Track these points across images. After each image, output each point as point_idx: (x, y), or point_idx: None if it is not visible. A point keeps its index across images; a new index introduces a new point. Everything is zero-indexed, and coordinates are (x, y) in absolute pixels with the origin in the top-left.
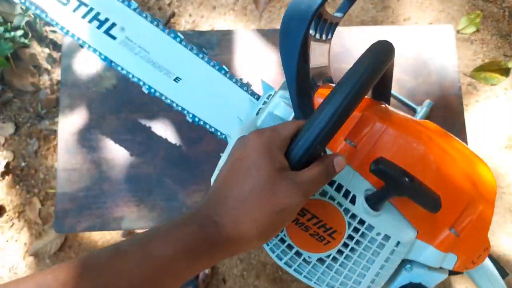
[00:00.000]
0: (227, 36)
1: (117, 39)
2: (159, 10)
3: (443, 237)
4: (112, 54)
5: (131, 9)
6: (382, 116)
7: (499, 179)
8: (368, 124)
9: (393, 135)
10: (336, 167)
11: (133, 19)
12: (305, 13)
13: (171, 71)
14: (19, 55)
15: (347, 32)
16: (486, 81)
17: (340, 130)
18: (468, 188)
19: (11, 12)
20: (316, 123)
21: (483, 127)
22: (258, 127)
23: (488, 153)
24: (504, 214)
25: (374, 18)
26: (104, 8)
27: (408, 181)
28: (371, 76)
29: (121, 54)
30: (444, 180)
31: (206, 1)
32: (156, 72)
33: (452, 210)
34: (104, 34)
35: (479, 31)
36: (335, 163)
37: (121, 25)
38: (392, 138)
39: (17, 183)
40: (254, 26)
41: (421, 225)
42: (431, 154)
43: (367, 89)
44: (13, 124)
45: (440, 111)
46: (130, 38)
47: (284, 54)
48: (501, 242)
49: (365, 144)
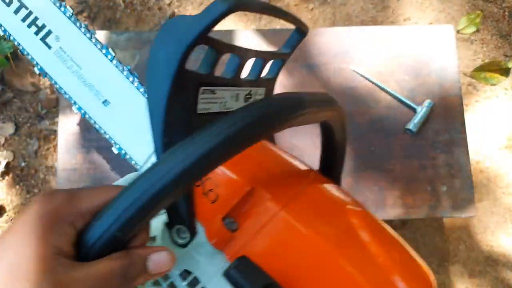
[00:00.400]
0: (227, 36)
1: (51, 48)
2: (159, 10)
3: None
4: (46, 65)
5: (66, 16)
6: (282, 194)
7: (499, 179)
8: (257, 202)
9: (284, 224)
10: (152, 266)
11: (67, 28)
12: (178, 45)
13: (101, 92)
14: (19, 55)
15: (347, 32)
16: (486, 81)
17: (221, 203)
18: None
19: None
20: (124, 198)
21: (483, 127)
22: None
23: (488, 153)
24: (504, 214)
25: (374, 18)
26: (41, 12)
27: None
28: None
29: (55, 66)
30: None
31: (206, 1)
32: (86, 91)
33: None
34: (40, 41)
35: (479, 31)
36: (152, 261)
37: (56, 33)
38: (281, 228)
39: (17, 183)
40: (254, 26)
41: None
42: (331, 257)
43: (216, 162)
44: (13, 124)
45: (440, 111)
46: (64, 49)
47: (151, 100)
48: (501, 242)
49: (247, 228)
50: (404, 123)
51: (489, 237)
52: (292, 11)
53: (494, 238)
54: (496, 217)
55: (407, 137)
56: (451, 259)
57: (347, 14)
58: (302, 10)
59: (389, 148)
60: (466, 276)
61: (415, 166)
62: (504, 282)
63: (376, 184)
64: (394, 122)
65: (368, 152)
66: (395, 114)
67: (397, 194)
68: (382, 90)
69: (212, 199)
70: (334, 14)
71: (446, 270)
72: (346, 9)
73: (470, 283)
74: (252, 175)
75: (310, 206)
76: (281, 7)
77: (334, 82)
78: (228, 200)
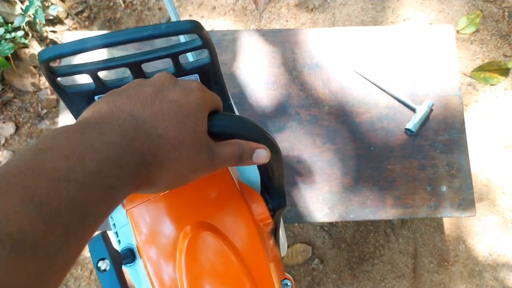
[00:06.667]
0: (227, 36)
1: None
2: (159, 10)
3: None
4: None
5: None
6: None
7: (499, 179)
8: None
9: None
10: (255, 157)
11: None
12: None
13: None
14: (20, 56)
15: (347, 32)
16: (486, 81)
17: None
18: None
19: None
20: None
21: (483, 127)
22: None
23: (488, 153)
24: (504, 214)
25: (374, 18)
26: None
27: (100, 269)
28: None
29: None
30: None
31: (206, 1)
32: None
33: None
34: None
35: (479, 31)
36: (256, 153)
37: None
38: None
39: None
40: (254, 26)
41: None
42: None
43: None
44: (13, 124)
45: (440, 111)
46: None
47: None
48: (501, 242)
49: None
50: (404, 123)
51: (489, 237)
52: (292, 11)
53: (494, 238)
54: (496, 217)
55: (407, 137)
56: (451, 259)
57: (347, 14)
58: (302, 10)
59: (389, 148)
60: (466, 276)
61: (415, 166)
62: (504, 282)
63: (376, 184)
64: (394, 122)
65: (368, 152)
66: (395, 114)
67: (397, 194)
68: (382, 90)
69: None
70: (334, 14)
71: (446, 270)
72: (346, 9)
73: (470, 283)
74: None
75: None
76: (281, 7)
77: (334, 82)
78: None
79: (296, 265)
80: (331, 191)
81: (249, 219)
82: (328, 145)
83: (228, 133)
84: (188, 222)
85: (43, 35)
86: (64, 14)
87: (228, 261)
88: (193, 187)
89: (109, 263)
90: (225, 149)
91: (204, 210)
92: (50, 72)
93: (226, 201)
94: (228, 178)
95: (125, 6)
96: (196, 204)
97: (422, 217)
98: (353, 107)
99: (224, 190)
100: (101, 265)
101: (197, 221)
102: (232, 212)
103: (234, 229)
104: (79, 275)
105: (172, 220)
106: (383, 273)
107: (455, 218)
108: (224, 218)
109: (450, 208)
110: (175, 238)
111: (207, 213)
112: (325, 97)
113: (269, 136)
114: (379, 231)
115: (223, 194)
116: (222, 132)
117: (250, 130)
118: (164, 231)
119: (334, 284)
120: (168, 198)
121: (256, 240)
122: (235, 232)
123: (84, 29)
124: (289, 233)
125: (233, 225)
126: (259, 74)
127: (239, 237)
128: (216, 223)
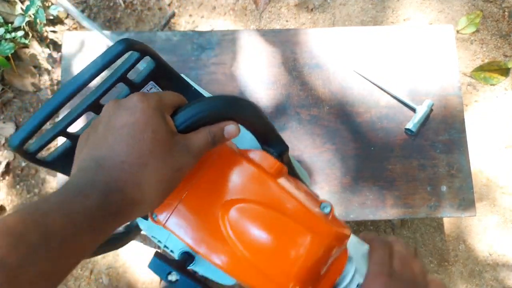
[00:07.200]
0: (227, 36)
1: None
2: (159, 10)
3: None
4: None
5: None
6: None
7: (499, 179)
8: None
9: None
10: (226, 134)
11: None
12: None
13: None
14: (20, 56)
15: (347, 32)
16: (486, 81)
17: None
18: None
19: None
20: (207, 101)
21: (483, 127)
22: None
23: (488, 153)
24: (504, 214)
25: (374, 18)
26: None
27: (172, 282)
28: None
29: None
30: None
31: (206, 1)
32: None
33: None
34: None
35: (479, 31)
36: (226, 130)
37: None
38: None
39: (17, 183)
40: (254, 26)
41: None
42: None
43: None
44: (13, 124)
45: (440, 111)
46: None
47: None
48: (501, 242)
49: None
50: (404, 123)
51: (489, 237)
52: (292, 11)
53: (494, 238)
54: (496, 217)
55: (407, 137)
56: (451, 259)
57: (347, 14)
58: (302, 10)
59: (389, 148)
60: (466, 276)
61: (415, 166)
62: (504, 282)
63: (376, 184)
64: (394, 122)
65: (368, 152)
66: (395, 114)
67: (397, 194)
68: (382, 90)
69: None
70: (334, 14)
71: (446, 270)
72: (346, 9)
73: (470, 283)
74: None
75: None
76: (281, 7)
77: (334, 82)
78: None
79: None
80: (331, 191)
81: (264, 176)
82: (328, 145)
83: (194, 124)
84: (217, 207)
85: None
86: (64, 14)
87: (268, 216)
88: (204, 178)
89: (175, 273)
90: (197, 139)
91: (224, 191)
92: (27, 154)
93: (238, 173)
94: (229, 152)
95: (125, 6)
96: (215, 190)
97: (422, 217)
98: (353, 107)
99: (231, 165)
100: (171, 278)
101: (223, 203)
102: (247, 179)
103: (258, 191)
104: (79, 275)
105: (203, 213)
106: None
107: (455, 218)
108: (245, 187)
109: (450, 208)
110: (215, 224)
111: (228, 192)
112: (325, 97)
113: (229, 102)
114: (379, 231)
115: (232, 168)
116: (188, 127)
117: (210, 113)
118: (202, 224)
119: None
120: (189, 198)
121: (281, 189)
122: (260, 193)
123: (84, 29)
124: None
125: (255, 189)
126: (259, 74)
127: (264, 195)
128: (240, 195)
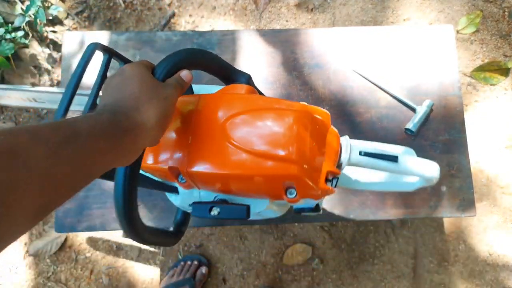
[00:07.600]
0: (227, 36)
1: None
2: (159, 10)
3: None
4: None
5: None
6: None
7: (499, 179)
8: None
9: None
10: (185, 78)
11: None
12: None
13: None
14: (20, 56)
15: (347, 32)
16: (486, 81)
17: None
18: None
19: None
20: (177, 53)
21: (483, 127)
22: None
23: (488, 153)
24: (504, 214)
25: (374, 18)
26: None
27: (216, 215)
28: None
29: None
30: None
31: (206, 2)
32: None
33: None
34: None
35: (479, 31)
36: (183, 77)
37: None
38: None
39: None
40: (254, 26)
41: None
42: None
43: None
44: (13, 124)
45: (440, 111)
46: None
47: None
48: (501, 242)
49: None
50: (404, 123)
51: (489, 237)
52: (292, 11)
53: (494, 238)
54: (496, 217)
55: (407, 137)
56: (451, 259)
57: (347, 14)
58: (302, 10)
59: None
60: (466, 276)
61: None
62: (504, 282)
63: None
64: (394, 122)
65: None
66: (395, 114)
67: (397, 194)
68: (382, 90)
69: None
70: (334, 14)
71: (446, 270)
72: (346, 9)
73: (470, 283)
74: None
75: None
76: (281, 7)
77: (334, 82)
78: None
79: (296, 265)
80: None
81: (240, 95)
82: None
83: (168, 73)
84: (217, 131)
85: (43, 35)
86: (64, 14)
87: (256, 115)
88: (198, 122)
89: (215, 207)
90: (169, 84)
91: (216, 119)
92: None
93: (222, 103)
94: (211, 96)
95: (125, 6)
96: (210, 122)
97: (422, 217)
98: (353, 107)
99: (216, 102)
100: (213, 213)
101: (220, 124)
102: (230, 102)
103: (240, 105)
104: (79, 275)
105: (209, 143)
106: (383, 273)
107: (455, 218)
108: (230, 108)
109: (450, 208)
110: (223, 145)
111: (220, 117)
112: (325, 97)
113: (188, 54)
114: (379, 231)
115: (217, 103)
116: (164, 76)
117: (175, 64)
118: (214, 151)
119: (334, 284)
120: (194, 140)
121: (257, 97)
122: (242, 105)
123: (84, 29)
124: (289, 233)
125: (237, 104)
126: (259, 74)
127: (246, 105)
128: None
